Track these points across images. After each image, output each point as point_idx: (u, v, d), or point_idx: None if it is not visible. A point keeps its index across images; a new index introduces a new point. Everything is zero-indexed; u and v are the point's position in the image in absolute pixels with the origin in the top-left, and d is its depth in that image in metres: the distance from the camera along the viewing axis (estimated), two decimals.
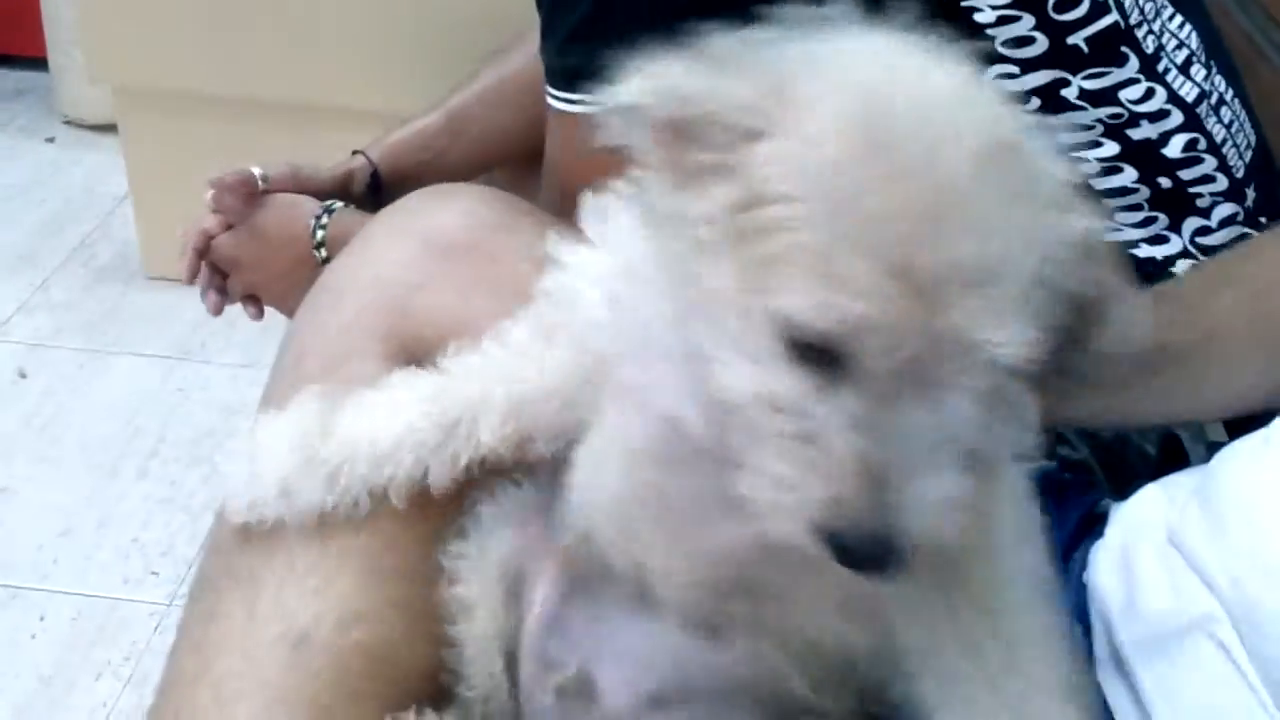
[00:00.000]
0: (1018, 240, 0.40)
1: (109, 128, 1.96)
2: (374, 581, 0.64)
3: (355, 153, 1.11)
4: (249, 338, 1.71)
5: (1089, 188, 0.45)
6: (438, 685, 0.63)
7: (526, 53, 1.07)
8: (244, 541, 0.66)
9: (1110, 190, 0.89)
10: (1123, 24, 0.85)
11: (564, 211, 0.84)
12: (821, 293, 0.39)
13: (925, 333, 0.39)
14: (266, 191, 1.07)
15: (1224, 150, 0.90)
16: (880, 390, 0.40)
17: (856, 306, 0.39)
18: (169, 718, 0.62)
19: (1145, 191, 0.89)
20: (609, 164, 0.83)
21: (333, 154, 1.11)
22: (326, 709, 0.61)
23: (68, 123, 2.30)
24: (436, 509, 0.67)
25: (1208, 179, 0.90)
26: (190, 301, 1.21)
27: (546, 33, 0.80)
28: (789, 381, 0.41)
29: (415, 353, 0.71)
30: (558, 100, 0.82)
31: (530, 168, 0.95)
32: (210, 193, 1.05)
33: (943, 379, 0.41)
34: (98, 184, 2.12)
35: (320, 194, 1.06)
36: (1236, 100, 0.93)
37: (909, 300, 0.39)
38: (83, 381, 1.73)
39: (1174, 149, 0.88)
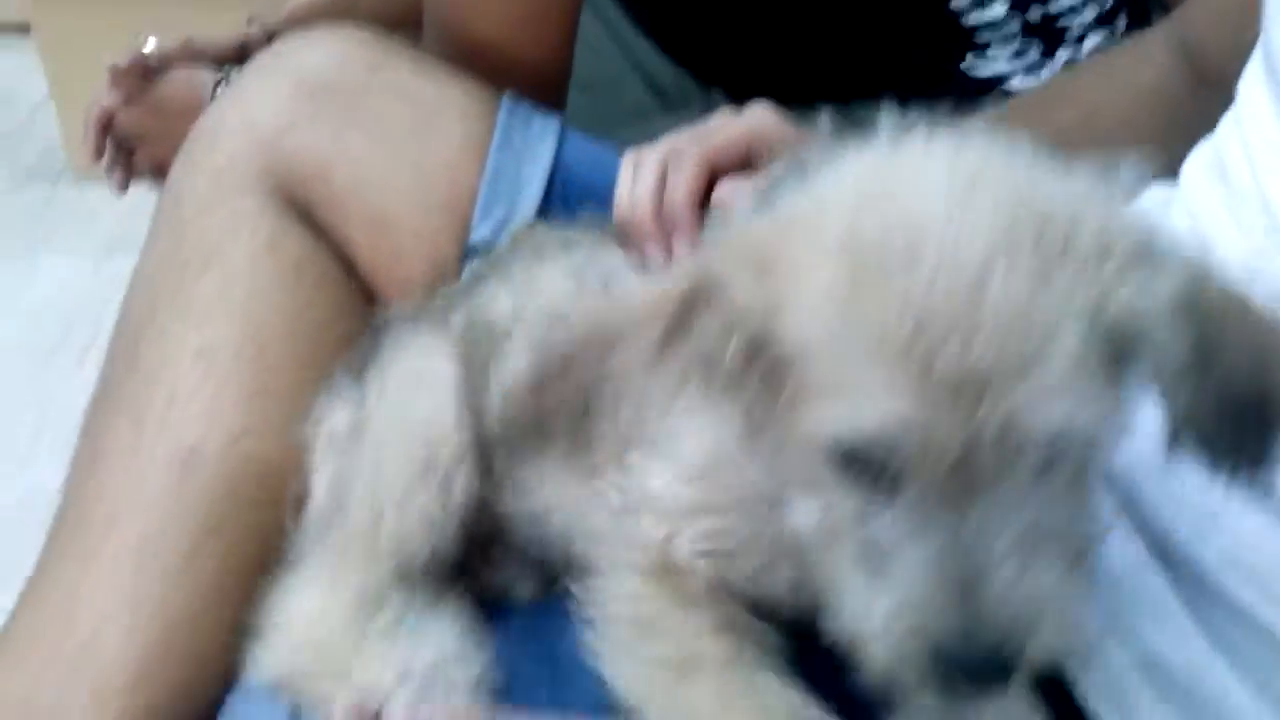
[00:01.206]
0: (1053, 312, 0.38)
1: (24, 27, 1.92)
2: (257, 403, 0.67)
3: (251, 21, 1.11)
4: None
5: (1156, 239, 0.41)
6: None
7: None
8: (127, 376, 0.69)
9: (983, 24, 0.91)
10: None
11: (445, 53, 0.86)
12: (849, 405, 0.39)
13: (968, 429, 0.38)
14: (164, 66, 1.07)
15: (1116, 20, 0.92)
16: (945, 495, 0.39)
17: (887, 407, 0.38)
18: (61, 548, 0.66)
19: (1016, 24, 0.91)
20: (483, 12, 0.85)
21: None
22: (217, 521, 0.65)
23: None
24: (325, 335, 0.70)
25: (1075, 10, 0.92)
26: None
27: None
28: (848, 501, 0.41)
29: (291, 191, 0.73)
30: None
31: None
32: (108, 77, 1.05)
33: (1011, 473, 0.39)
34: (18, 85, 2.08)
35: (217, 63, 1.07)
36: None
37: (941, 399, 0.37)
38: (13, 280, 1.73)
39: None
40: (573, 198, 0.75)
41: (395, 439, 0.59)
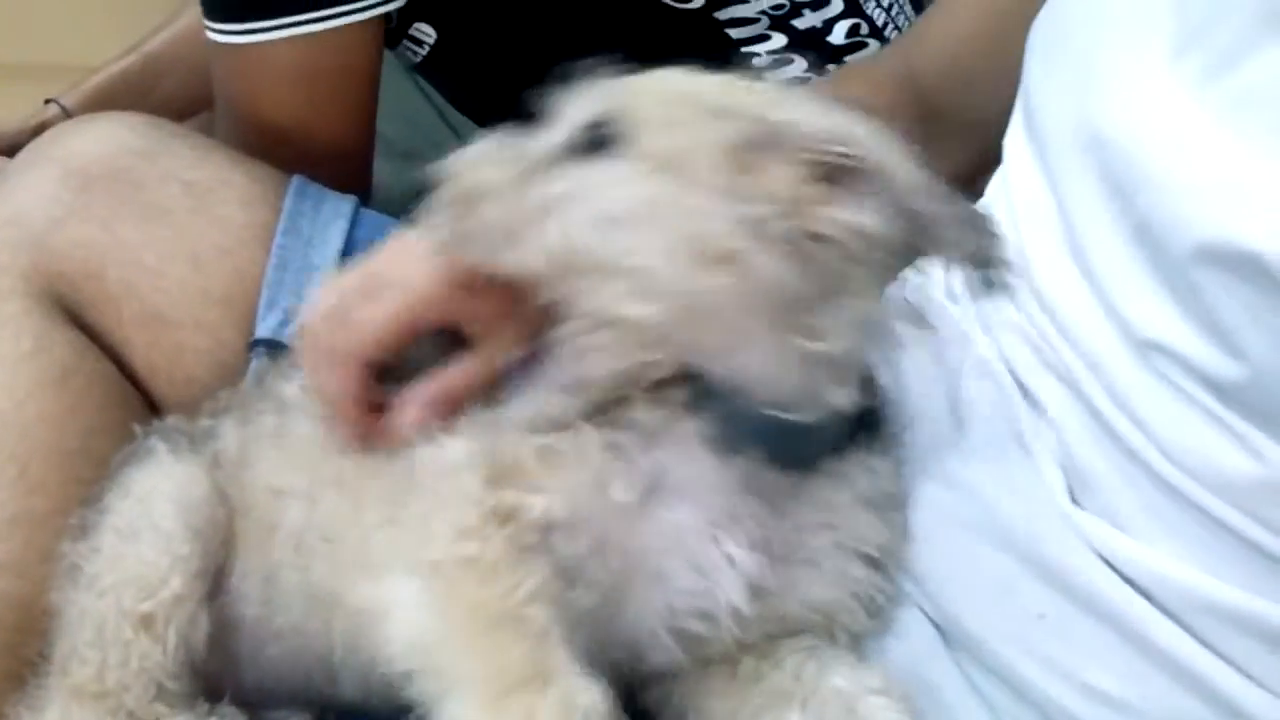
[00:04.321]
0: None
1: None
2: (17, 531, 0.63)
3: (48, 102, 1.06)
4: None
5: None
6: None
7: None
8: None
9: (783, 82, 0.92)
10: None
11: (240, 138, 0.83)
12: None
13: None
14: None
15: (886, 33, 0.94)
16: None
17: None
18: None
19: (815, 79, 0.92)
20: (273, 95, 0.82)
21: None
22: None
23: None
24: (94, 446, 0.66)
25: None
26: None
27: None
28: None
29: (60, 290, 0.69)
30: (214, 33, 0.80)
31: None
32: None
33: None
34: None
35: (12, 151, 1.02)
36: None
37: None
38: None
39: (838, 36, 0.92)
40: None
41: (111, 588, 0.58)
